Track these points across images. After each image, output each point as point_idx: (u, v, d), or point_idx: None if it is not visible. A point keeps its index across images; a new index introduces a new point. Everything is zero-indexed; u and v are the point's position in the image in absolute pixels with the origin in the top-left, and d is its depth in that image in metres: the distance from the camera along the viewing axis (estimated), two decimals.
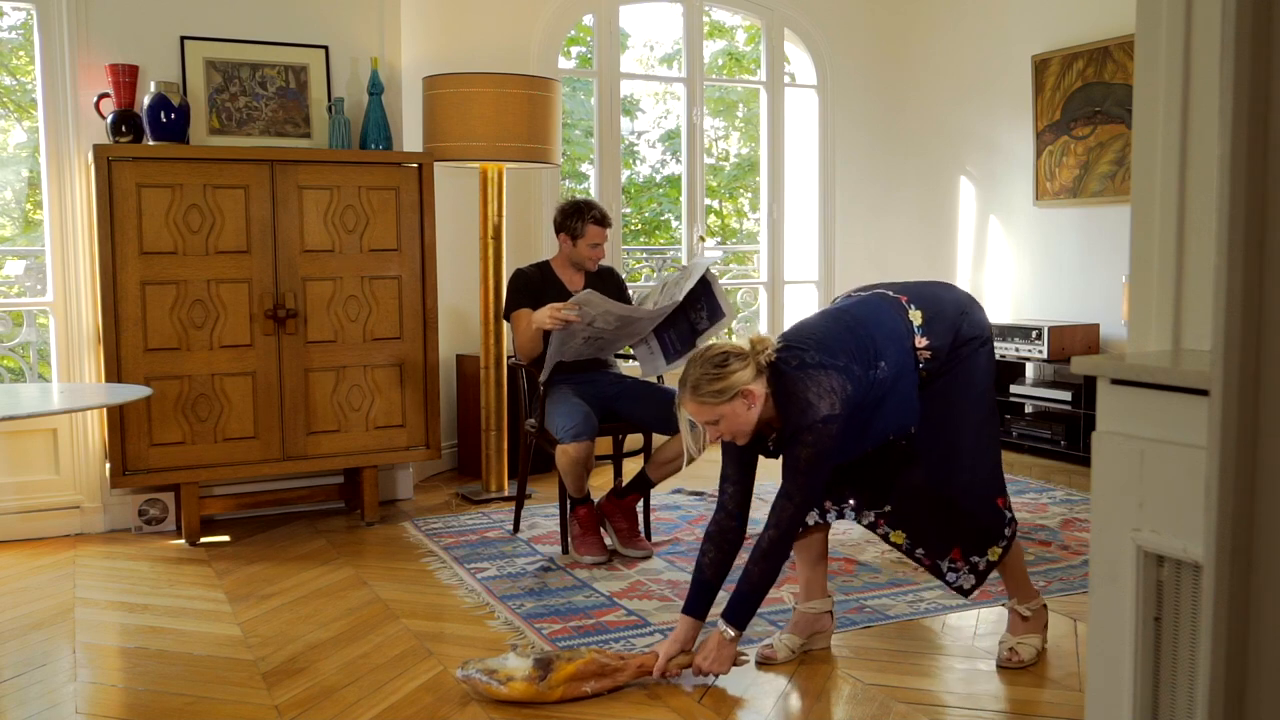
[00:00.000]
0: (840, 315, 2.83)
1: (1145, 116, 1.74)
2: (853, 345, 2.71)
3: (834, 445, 2.66)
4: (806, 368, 2.65)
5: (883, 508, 2.94)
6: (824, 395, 2.62)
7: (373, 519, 4.50)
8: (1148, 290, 1.74)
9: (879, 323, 2.78)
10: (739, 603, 2.78)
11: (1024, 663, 2.91)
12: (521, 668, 2.70)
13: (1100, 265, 5.75)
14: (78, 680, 2.91)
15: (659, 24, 9.63)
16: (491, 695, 2.69)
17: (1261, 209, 1.02)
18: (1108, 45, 5.59)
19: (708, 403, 2.65)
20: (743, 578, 2.78)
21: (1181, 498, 1.53)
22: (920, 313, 2.81)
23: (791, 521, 2.73)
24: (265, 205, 4.27)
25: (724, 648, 2.79)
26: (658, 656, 2.80)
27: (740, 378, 2.64)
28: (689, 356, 2.77)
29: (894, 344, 2.75)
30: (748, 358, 2.67)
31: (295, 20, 4.62)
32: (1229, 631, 1.05)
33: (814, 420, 2.62)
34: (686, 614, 2.83)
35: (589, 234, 4.13)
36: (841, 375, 2.64)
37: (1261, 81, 1.01)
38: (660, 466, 4.02)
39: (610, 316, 3.83)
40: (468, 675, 2.73)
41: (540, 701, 2.68)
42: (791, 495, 2.71)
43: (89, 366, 4.38)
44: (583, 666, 2.72)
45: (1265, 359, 1.02)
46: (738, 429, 2.70)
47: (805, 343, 2.71)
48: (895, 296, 2.86)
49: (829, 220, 6.70)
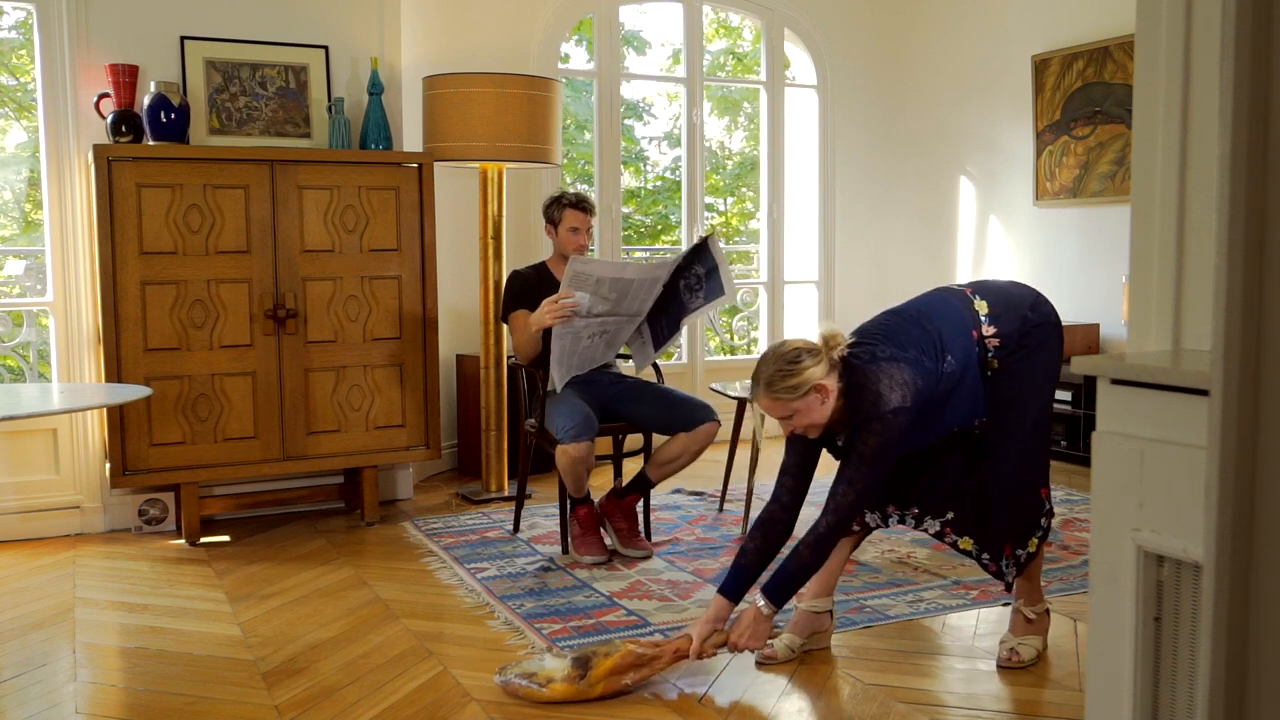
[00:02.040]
0: (905, 310, 2.88)
1: (1145, 116, 1.74)
2: (921, 339, 2.74)
3: (900, 437, 2.69)
4: (878, 360, 2.68)
5: (946, 515, 2.95)
6: (895, 387, 2.65)
7: (373, 519, 4.50)
8: (1148, 290, 1.74)
9: (944, 315, 2.81)
10: (783, 580, 2.80)
11: (1024, 663, 2.91)
12: (560, 668, 2.71)
13: (1100, 265, 5.75)
14: (78, 680, 2.91)
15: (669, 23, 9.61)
16: (533, 698, 2.69)
17: (1261, 209, 1.02)
18: (1108, 45, 5.59)
19: (782, 399, 2.68)
20: (791, 556, 2.80)
21: (1181, 498, 1.53)
22: (985, 303, 2.85)
23: (851, 509, 2.75)
24: (265, 205, 4.27)
25: (760, 623, 2.81)
26: (691, 640, 2.81)
27: (813, 373, 2.66)
28: (764, 353, 2.76)
29: (961, 336, 2.78)
30: (820, 353, 2.69)
31: (295, 20, 4.62)
32: (1229, 631, 1.05)
33: (884, 411, 2.64)
34: (721, 594, 2.85)
35: (566, 218, 4.12)
36: (912, 368, 2.67)
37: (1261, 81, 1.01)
38: (660, 467, 4.02)
39: (604, 285, 3.81)
40: (507, 680, 2.74)
41: (582, 699, 2.68)
42: (854, 483, 2.72)
43: (89, 366, 4.38)
44: (620, 660, 2.72)
45: (1265, 359, 1.02)
46: (811, 423, 2.72)
47: (875, 336, 2.75)
48: (959, 289, 2.92)
49: (829, 220, 6.70)
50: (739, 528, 4.32)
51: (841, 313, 6.76)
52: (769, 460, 5.70)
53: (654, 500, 4.45)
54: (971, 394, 2.80)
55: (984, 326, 2.81)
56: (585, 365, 4.03)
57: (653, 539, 4.20)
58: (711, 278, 3.93)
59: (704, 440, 3.96)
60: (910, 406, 2.65)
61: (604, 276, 3.80)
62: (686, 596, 3.53)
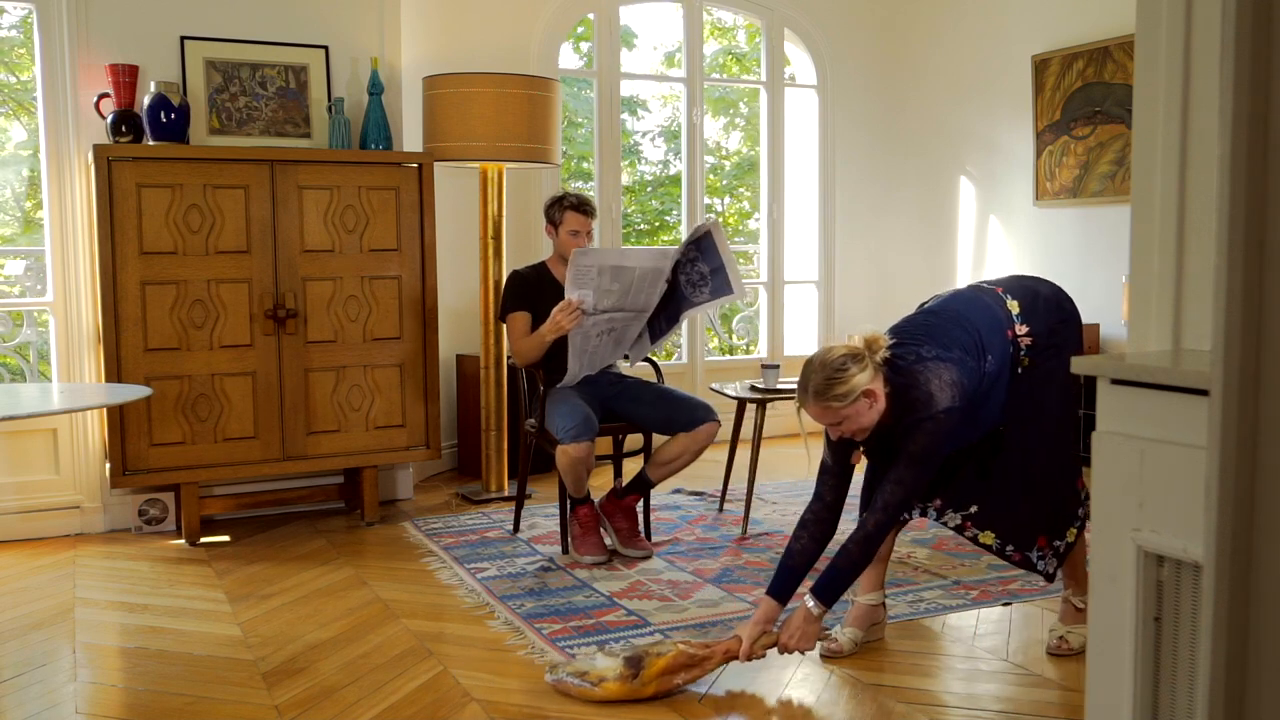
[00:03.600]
0: (943, 310, 2.88)
1: (1145, 116, 1.74)
2: (964, 339, 2.76)
3: (950, 437, 2.72)
4: (924, 361, 2.70)
5: (969, 509, 2.97)
6: (945, 388, 2.66)
7: (373, 519, 4.50)
8: (1148, 290, 1.74)
9: (981, 315, 2.83)
10: (832, 579, 2.81)
11: (1073, 650, 2.95)
12: (612, 667, 2.71)
13: (1100, 265, 5.75)
14: (78, 680, 2.91)
15: (665, 23, 9.62)
16: (585, 697, 2.71)
17: (1261, 209, 1.02)
18: (1108, 45, 5.59)
19: (832, 406, 2.67)
20: (840, 555, 2.81)
21: (1181, 498, 1.53)
22: (1017, 302, 2.87)
23: (899, 508, 2.77)
24: (265, 205, 4.27)
25: (810, 624, 2.82)
26: (740, 641, 2.82)
27: (861, 380, 2.66)
28: (808, 360, 2.76)
29: (997, 336, 2.81)
30: (864, 358, 2.69)
31: (295, 20, 4.62)
32: (1229, 631, 1.05)
33: (936, 411, 2.66)
34: (770, 596, 2.86)
35: (567, 220, 4.12)
36: (958, 368, 2.69)
37: (1261, 81, 1.01)
38: (660, 467, 4.02)
39: (606, 274, 3.82)
40: (559, 679, 2.75)
41: (634, 699, 2.70)
42: (903, 482, 2.74)
43: (89, 366, 4.38)
44: (673, 660, 2.73)
45: (1265, 359, 1.02)
46: (860, 427, 2.73)
47: (918, 337, 2.76)
48: (990, 287, 2.94)
49: (829, 220, 6.70)
50: (739, 528, 4.32)
51: (841, 313, 6.77)
52: (769, 460, 5.71)
53: (654, 500, 4.45)
54: (1007, 393, 2.84)
55: (1017, 326, 2.85)
56: (595, 366, 4.04)
57: (653, 539, 4.20)
58: (718, 275, 3.93)
59: (704, 440, 3.97)
60: (960, 406, 2.68)
61: (605, 265, 3.81)
62: (686, 596, 3.54)
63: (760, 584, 3.64)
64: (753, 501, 4.45)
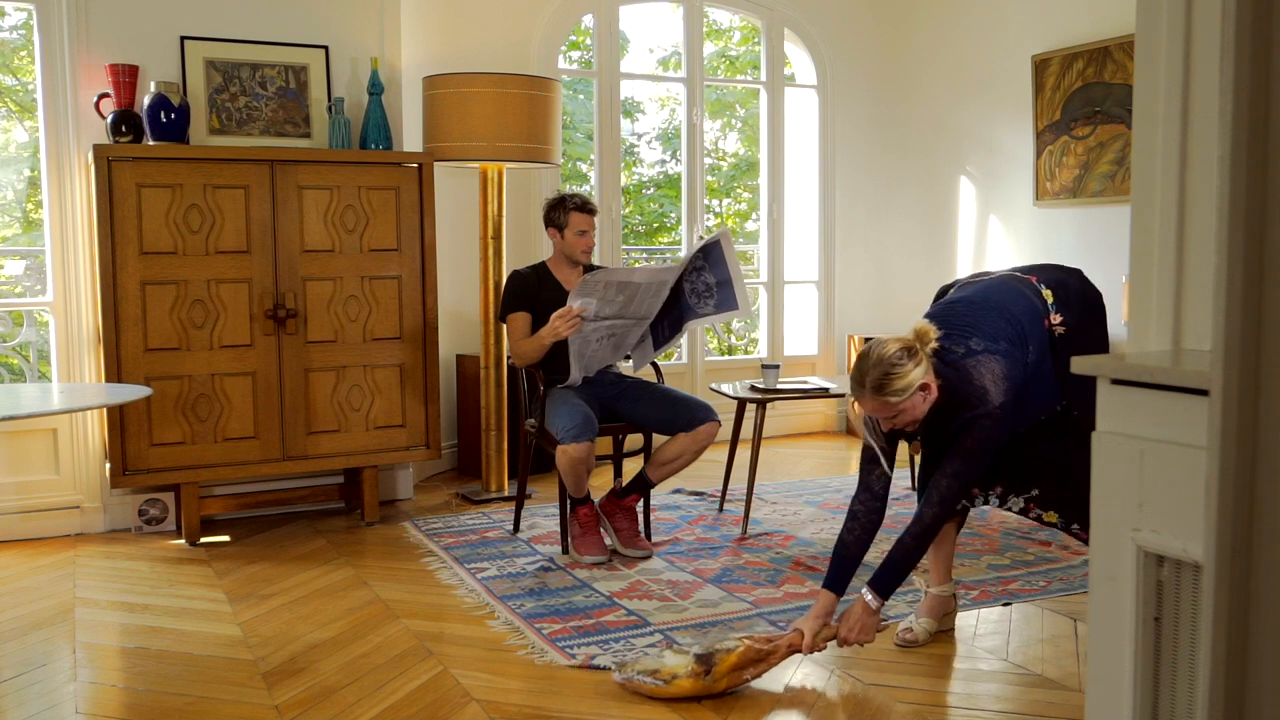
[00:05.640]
0: (985, 300, 2.91)
1: (1145, 116, 1.74)
2: (1009, 330, 2.80)
3: (1004, 430, 2.76)
4: (975, 354, 2.73)
5: (1030, 492, 3.02)
6: (997, 381, 2.71)
7: (373, 519, 4.50)
8: (1148, 290, 1.74)
9: (1021, 305, 2.87)
10: (889, 572, 2.85)
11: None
12: (683, 664, 2.73)
13: (1100, 265, 5.72)
14: (78, 680, 2.91)
15: (659, 26, 9.62)
16: (657, 695, 2.72)
17: (1261, 209, 1.02)
18: (1108, 45, 5.59)
19: (890, 401, 2.71)
20: (897, 548, 2.85)
21: (1181, 498, 1.53)
22: (1050, 292, 2.92)
23: (955, 499, 2.82)
24: (265, 205, 4.27)
25: (868, 617, 2.87)
26: (802, 634, 2.85)
27: (917, 375, 2.70)
28: (861, 354, 2.78)
29: (1036, 326, 2.86)
30: (918, 352, 2.72)
31: (295, 20, 4.62)
32: (1229, 631, 1.05)
33: (991, 406, 2.70)
34: (826, 588, 2.90)
35: (573, 222, 4.12)
36: (1007, 361, 2.73)
37: (1261, 81, 1.01)
38: (660, 467, 4.02)
39: (611, 289, 3.82)
40: (628, 678, 2.77)
41: (707, 695, 2.72)
42: (959, 475, 2.78)
43: (89, 366, 4.38)
44: (741, 656, 2.76)
45: (1265, 359, 1.02)
46: (914, 419, 2.77)
47: (966, 330, 2.79)
48: (1024, 276, 2.97)
49: (829, 220, 6.70)
50: (739, 528, 4.32)
51: (841, 313, 6.77)
52: (769, 460, 5.71)
53: (654, 500, 4.45)
54: (1048, 382, 2.88)
55: (1051, 315, 2.89)
56: (592, 367, 4.04)
57: (653, 539, 4.20)
58: (724, 289, 3.92)
59: (704, 440, 3.96)
60: (1010, 399, 2.72)
61: (612, 280, 3.82)
62: (686, 596, 3.53)
63: (761, 584, 3.64)
64: (753, 501, 4.45)
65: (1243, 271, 1.02)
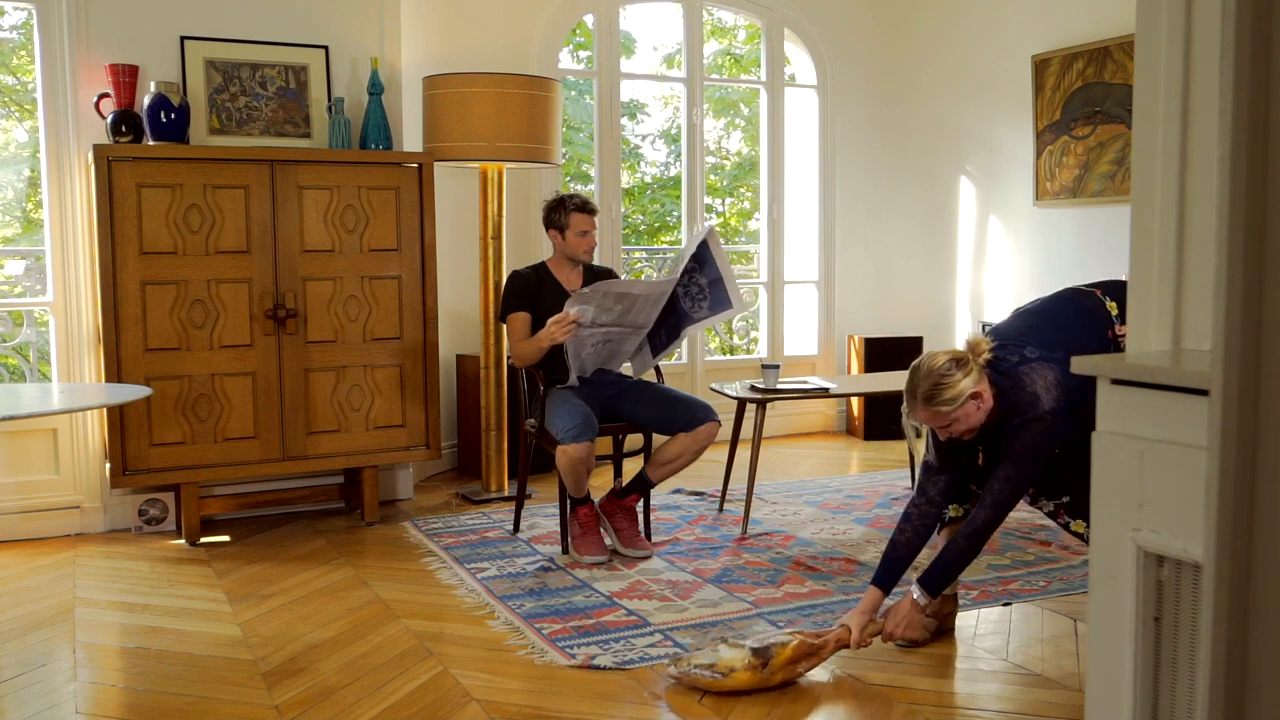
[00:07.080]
0: (1043, 311, 2.98)
1: (1145, 116, 1.74)
2: (1065, 340, 2.83)
3: (1056, 436, 2.79)
4: (1028, 362, 2.78)
5: (1061, 498, 3.05)
6: (1050, 387, 2.75)
7: (373, 519, 4.50)
8: (1148, 290, 1.74)
9: (1079, 317, 2.93)
10: (940, 570, 2.91)
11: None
12: (740, 658, 2.76)
13: (1100, 265, 5.74)
14: (78, 680, 2.91)
15: (664, 24, 9.62)
16: (714, 689, 2.75)
17: (1261, 209, 1.02)
18: (1108, 45, 5.59)
19: (942, 410, 2.76)
20: (950, 547, 2.90)
21: (1181, 498, 1.53)
22: (1115, 303, 2.96)
23: (1008, 505, 2.85)
24: (265, 205, 4.27)
25: (915, 613, 2.94)
26: (849, 630, 2.89)
27: (966, 384, 2.75)
28: (913, 367, 2.83)
29: (1096, 336, 2.90)
30: (968, 362, 2.78)
31: (295, 20, 4.62)
32: (1229, 631, 1.05)
33: (1043, 412, 2.74)
34: (875, 585, 2.97)
35: (574, 222, 4.12)
36: (1060, 368, 2.76)
37: (1261, 81, 1.01)
38: (660, 467, 4.02)
39: (609, 299, 3.83)
40: (684, 672, 2.78)
41: (763, 688, 2.75)
42: (1011, 479, 2.83)
43: (89, 366, 4.38)
44: (796, 650, 2.80)
45: (1265, 359, 1.02)
46: (969, 427, 2.81)
47: (1019, 339, 2.85)
48: (1088, 289, 3.03)
49: (829, 220, 6.70)
50: (739, 528, 4.32)
51: (841, 313, 6.76)
52: (769, 460, 5.71)
53: (654, 500, 4.45)
54: None
55: (1117, 326, 2.93)
56: (587, 370, 4.05)
57: (653, 539, 4.20)
58: (716, 288, 3.94)
59: (704, 440, 3.97)
60: (1062, 406, 2.75)
61: (610, 290, 3.82)
62: (686, 596, 3.53)
63: (761, 584, 3.64)
64: (753, 501, 4.45)
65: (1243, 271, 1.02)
